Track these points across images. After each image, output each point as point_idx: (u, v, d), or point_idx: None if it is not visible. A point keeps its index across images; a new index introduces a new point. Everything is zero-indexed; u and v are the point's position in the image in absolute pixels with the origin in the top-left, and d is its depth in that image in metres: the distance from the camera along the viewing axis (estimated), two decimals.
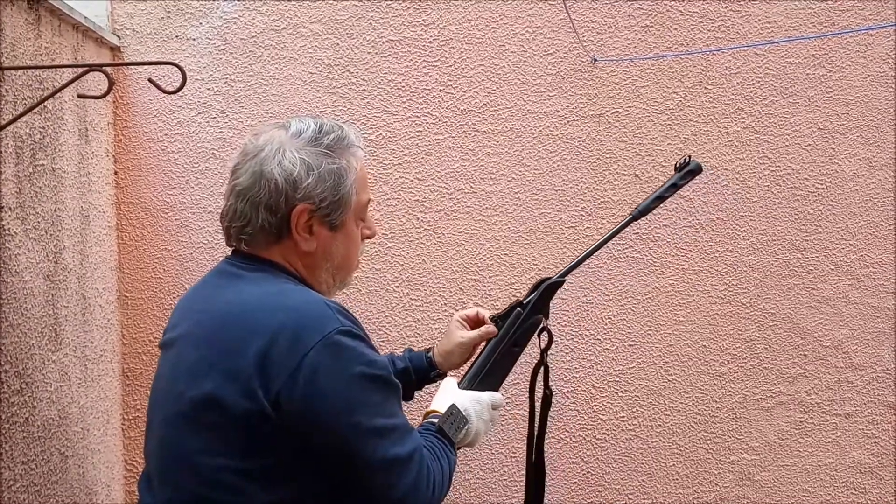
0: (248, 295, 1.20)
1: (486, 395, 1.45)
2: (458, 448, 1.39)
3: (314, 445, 1.15)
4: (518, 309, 1.51)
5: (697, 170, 1.60)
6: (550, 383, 1.56)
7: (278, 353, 1.12)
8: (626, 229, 1.64)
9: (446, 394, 1.43)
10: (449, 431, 1.35)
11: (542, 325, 1.52)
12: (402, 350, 1.67)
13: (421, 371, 1.62)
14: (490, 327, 1.53)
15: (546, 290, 1.53)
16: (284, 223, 1.23)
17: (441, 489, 1.26)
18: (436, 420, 1.36)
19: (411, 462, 1.20)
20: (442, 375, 1.60)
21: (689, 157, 1.60)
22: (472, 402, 1.42)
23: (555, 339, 1.59)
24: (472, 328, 1.58)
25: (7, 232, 1.47)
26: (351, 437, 1.15)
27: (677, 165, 1.60)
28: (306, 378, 1.12)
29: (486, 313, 1.57)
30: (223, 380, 1.14)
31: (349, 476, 1.18)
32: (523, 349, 1.52)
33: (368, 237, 1.38)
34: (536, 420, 1.57)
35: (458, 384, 1.46)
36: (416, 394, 1.64)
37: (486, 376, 1.48)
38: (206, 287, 1.31)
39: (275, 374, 1.12)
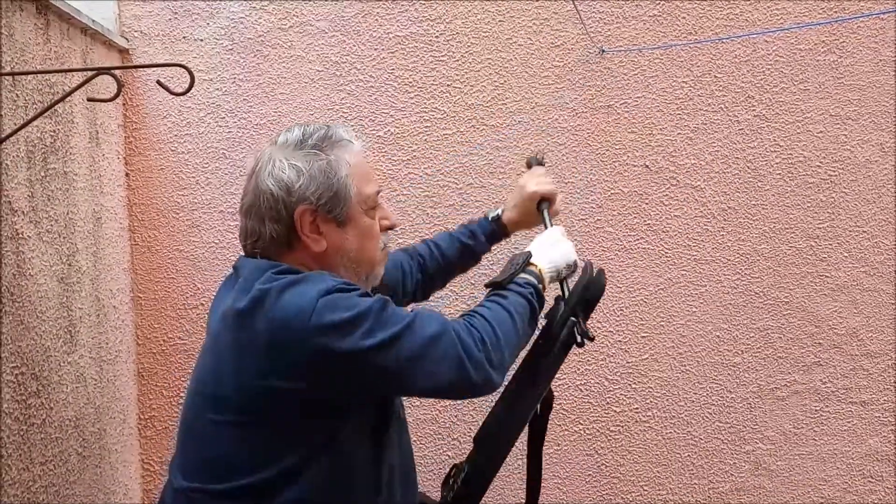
0: (262, 279, 1.23)
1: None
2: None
3: (348, 392, 1.18)
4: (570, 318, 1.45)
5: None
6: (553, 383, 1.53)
7: (269, 277, 1.18)
8: (636, 221, 1.62)
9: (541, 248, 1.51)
10: (502, 278, 1.39)
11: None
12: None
13: (492, 235, 1.73)
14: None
15: (590, 303, 1.49)
16: (291, 229, 1.26)
17: (487, 339, 1.23)
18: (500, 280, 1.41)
19: (440, 340, 1.18)
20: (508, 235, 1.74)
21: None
22: (561, 250, 1.50)
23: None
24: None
25: (20, 235, 1.48)
26: (376, 360, 1.15)
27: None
28: (312, 338, 1.14)
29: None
30: (239, 354, 1.18)
31: (392, 389, 1.23)
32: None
33: (389, 228, 1.39)
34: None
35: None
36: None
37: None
38: (235, 275, 1.35)
39: (267, 294, 1.16)
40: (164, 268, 2.16)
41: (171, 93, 1.37)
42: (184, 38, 2.12)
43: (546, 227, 1.58)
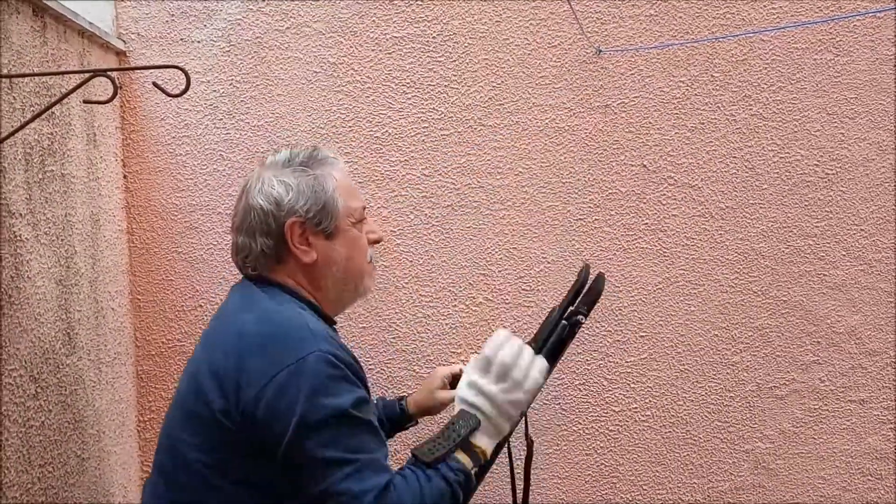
0: (250, 308, 1.29)
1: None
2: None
3: (276, 459, 1.20)
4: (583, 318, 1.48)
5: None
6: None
7: (254, 366, 1.19)
8: (633, 221, 1.62)
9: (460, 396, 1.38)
10: (430, 452, 1.27)
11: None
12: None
13: (394, 420, 1.74)
14: None
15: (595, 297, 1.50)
16: (281, 242, 1.32)
17: None
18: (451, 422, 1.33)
19: (364, 498, 1.16)
20: (415, 424, 1.74)
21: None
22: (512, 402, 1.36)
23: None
24: (453, 386, 1.67)
25: (18, 238, 1.48)
26: (304, 462, 1.18)
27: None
28: (270, 397, 1.17)
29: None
30: (208, 378, 1.23)
31: (308, 498, 1.20)
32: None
33: (375, 241, 1.44)
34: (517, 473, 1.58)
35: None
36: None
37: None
38: (228, 298, 1.42)
39: (247, 384, 1.18)
40: (162, 270, 2.16)
41: (168, 94, 1.38)
42: (181, 39, 2.12)
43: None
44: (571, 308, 1.49)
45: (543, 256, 2.23)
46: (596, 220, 2.23)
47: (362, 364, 1.35)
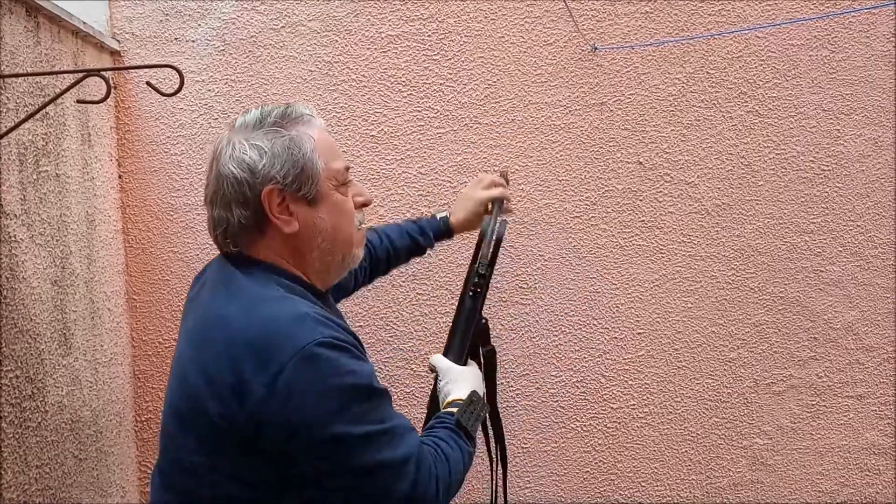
0: (230, 300, 1.17)
1: (478, 371, 1.48)
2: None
3: (296, 458, 1.13)
4: (481, 272, 1.54)
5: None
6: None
7: (253, 368, 1.09)
8: (630, 218, 1.63)
9: (461, 379, 1.41)
10: (468, 422, 1.31)
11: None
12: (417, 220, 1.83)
13: (438, 234, 1.81)
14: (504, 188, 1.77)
15: (497, 247, 1.56)
16: (260, 213, 1.20)
17: (449, 487, 1.24)
18: (454, 410, 1.33)
19: (406, 465, 1.16)
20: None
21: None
22: (480, 383, 1.43)
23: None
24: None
25: (13, 238, 1.48)
26: (334, 448, 1.12)
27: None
28: (282, 395, 1.09)
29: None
30: (203, 385, 1.12)
31: (340, 485, 1.15)
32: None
33: (363, 205, 1.33)
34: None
35: (446, 356, 1.46)
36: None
37: (466, 345, 1.50)
38: (211, 277, 1.29)
39: (250, 389, 1.09)
40: (158, 269, 2.16)
41: (161, 94, 1.37)
42: (175, 39, 2.12)
43: (494, 224, 1.61)
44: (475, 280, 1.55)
45: (540, 254, 2.23)
46: (592, 217, 2.23)
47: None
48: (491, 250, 1.54)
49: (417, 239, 1.79)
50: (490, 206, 1.74)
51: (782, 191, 2.26)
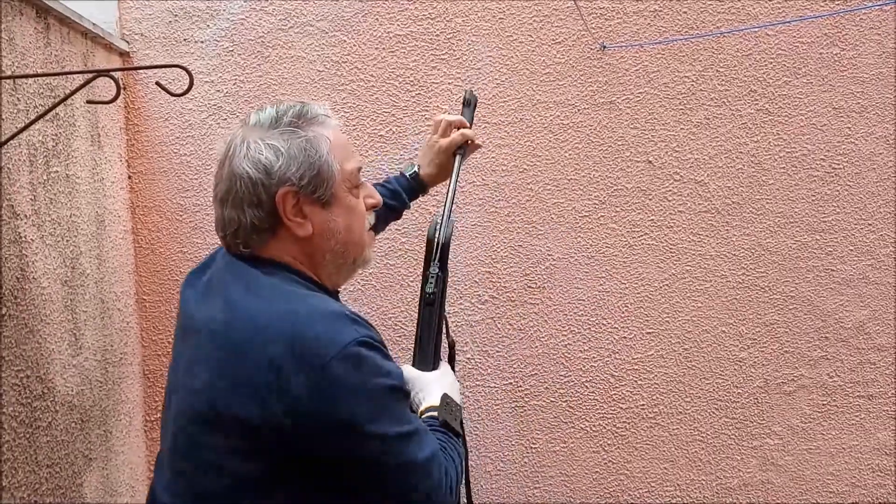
0: (259, 298, 1.15)
1: (450, 371, 1.45)
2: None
3: (330, 453, 1.12)
4: (438, 273, 1.45)
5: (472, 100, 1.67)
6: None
7: (295, 364, 1.07)
8: (639, 217, 1.61)
9: (430, 385, 1.40)
10: (453, 423, 1.31)
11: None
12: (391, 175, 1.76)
13: (412, 191, 1.72)
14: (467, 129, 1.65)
15: (446, 249, 1.48)
16: (273, 214, 1.17)
17: (455, 485, 1.25)
18: (435, 414, 1.32)
19: (432, 464, 1.18)
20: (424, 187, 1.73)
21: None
22: (450, 384, 1.40)
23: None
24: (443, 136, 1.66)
25: (24, 239, 1.48)
26: (375, 446, 1.12)
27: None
28: (324, 394, 1.07)
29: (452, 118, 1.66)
30: (234, 385, 1.10)
31: (369, 483, 1.16)
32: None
33: (374, 206, 1.31)
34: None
35: (415, 365, 1.44)
36: None
37: (434, 349, 1.46)
38: (221, 276, 1.24)
39: (292, 385, 1.07)
40: (167, 270, 2.16)
41: (171, 94, 1.37)
42: (184, 39, 2.12)
43: (456, 175, 1.58)
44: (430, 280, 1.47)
45: (549, 253, 2.22)
46: (601, 216, 2.23)
47: None
48: (438, 254, 1.45)
49: (394, 205, 1.69)
50: (454, 154, 1.63)
51: (792, 189, 2.24)
